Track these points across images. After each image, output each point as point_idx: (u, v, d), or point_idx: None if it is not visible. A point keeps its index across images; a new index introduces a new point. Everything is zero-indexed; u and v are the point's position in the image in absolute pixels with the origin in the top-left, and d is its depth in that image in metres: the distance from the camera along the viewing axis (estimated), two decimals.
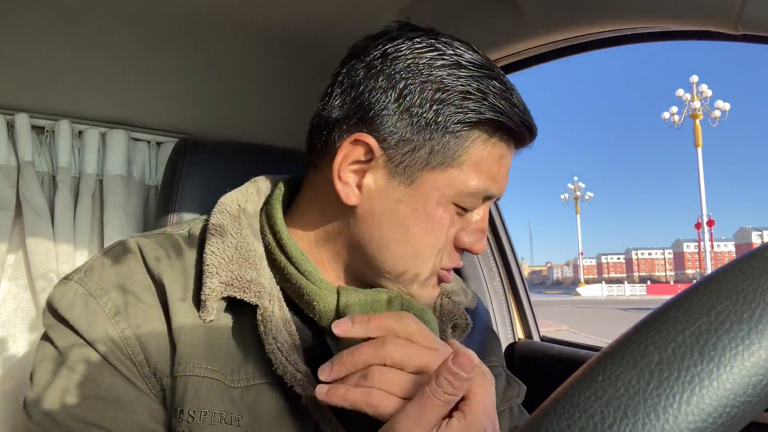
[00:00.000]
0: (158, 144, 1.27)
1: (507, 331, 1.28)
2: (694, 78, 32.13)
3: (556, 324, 13.15)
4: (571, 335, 11.06)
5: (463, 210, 0.55)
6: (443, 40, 0.54)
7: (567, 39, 0.85)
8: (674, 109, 32.67)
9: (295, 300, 0.55)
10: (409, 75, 0.52)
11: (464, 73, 0.52)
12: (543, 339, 1.24)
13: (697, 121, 30.03)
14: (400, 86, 0.52)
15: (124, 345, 0.50)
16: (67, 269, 1.10)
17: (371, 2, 0.94)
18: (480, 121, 0.52)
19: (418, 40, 0.54)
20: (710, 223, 32.72)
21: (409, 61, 0.52)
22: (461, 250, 0.58)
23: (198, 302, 0.52)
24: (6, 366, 1.05)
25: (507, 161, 0.56)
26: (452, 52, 0.53)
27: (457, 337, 0.64)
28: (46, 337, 0.53)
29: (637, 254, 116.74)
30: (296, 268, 0.55)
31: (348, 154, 0.53)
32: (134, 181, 1.22)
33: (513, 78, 1.08)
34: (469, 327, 0.65)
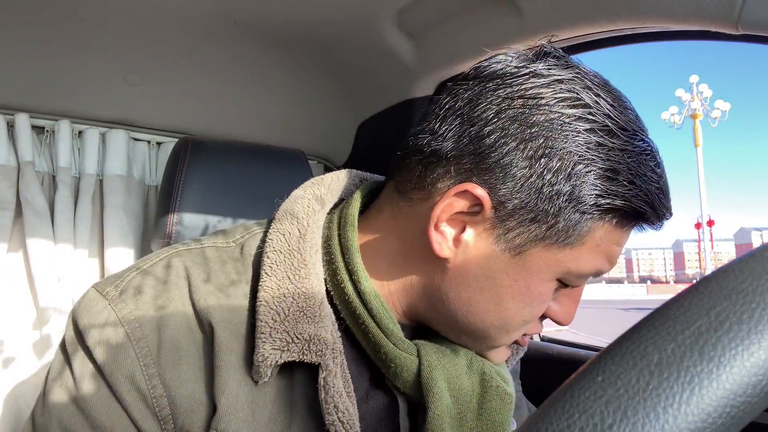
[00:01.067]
0: (158, 144, 1.27)
1: None
2: (694, 78, 32.22)
3: (555, 324, 13.14)
4: (571, 335, 11.05)
5: (564, 285, 0.49)
6: (589, 84, 0.45)
7: (567, 39, 0.85)
8: (674, 109, 32.69)
9: (368, 352, 0.49)
10: (551, 133, 0.43)
11: (615, 144, 0.43)
12: (543, 339, 1.24)
13: (697, 121, 30.04)
14: (538, 143, 0.43)
15: (151, 396, 0.44)
16: (67, 269, 1.11)
17: (371, 2, 0.93)
18: (620, 207, 0.44)
19: (562, 86, 0.44)
20: (710, 223, 32.73)
21: (552, 116, 0.43)
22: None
23: (250, 360, 0.45)
24: (6, 367, 1.05)
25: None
26: (601, 109, 0.44)
27: (512, 362, 0.60)
28: (65, 356, 0.47)
29: (636, 254, 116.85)
30: (375, 321, 0.48)
31: (452, 204, 0.45)
32: (134, 181, 1.22)
33: None
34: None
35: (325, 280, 0.50)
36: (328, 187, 0.55)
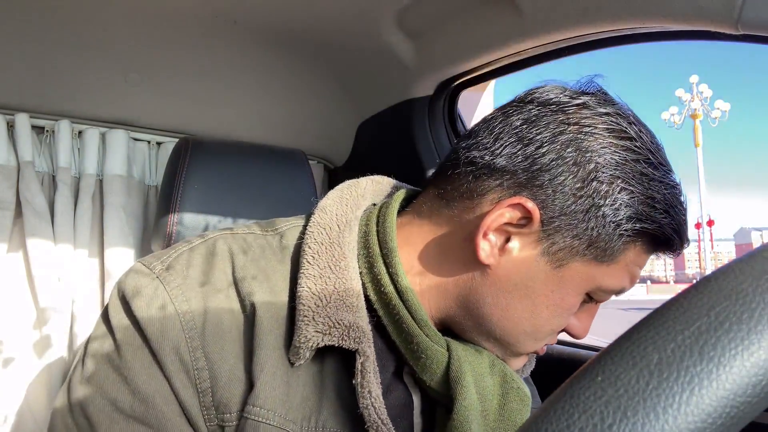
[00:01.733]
0: (158, 144, 1.27)
1: None
2: (694, 78, 32.21)
3: None
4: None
5: (589, 300, 0.53)
6: (631, 119, 0.50)
7: (567, 39, 0.85)
8: (674, 109, 32.69)
9: (399, 344, 0.51)
10: (601, 159, 0.47)
11: (656, 175, 0.49)
12: None
13: (697, 121, 30.03)
14: (590, 167, 0.47)
15: (193, 369, 0.45)
16: (67, 269, 1.11)
17: (371, 3, 0.93)
18: (653, 232, 0.49)
19: (611, 119, 0.49)
20: (710, 223, 32.72)
21: (603, 142, 0.48)
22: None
23: (288, 342, 0.47)
24: (6, 367, 1.05)
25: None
26: (645, 143, 0.49)
27: (525, 372, 0.62)
28: (108, 326, 0.48)
29: None
30: (410, 312, 0.49)
31: (503, 214, 0.48)
32: (134, 181, 1.22)
33: (513, 78, 1.08)
34: (533, 361, 0.62)
35: (361, 273, 0.52)
36: (363, 188, 0.58)
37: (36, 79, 1.06)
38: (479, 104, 1.24)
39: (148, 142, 1.25)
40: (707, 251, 33.16)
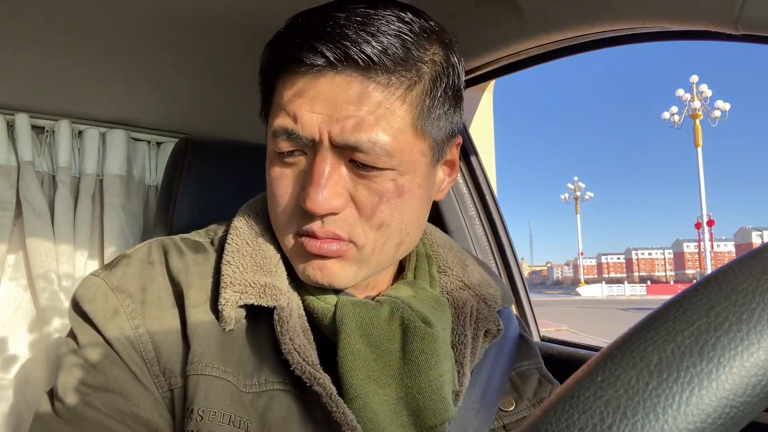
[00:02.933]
0: (158, 144, 1.27)
1: None
2: (694, 78, 32.12)
3: (556, 324, 13.15)
4: (571, 335, 11.07)
5: (280, 156, 0.53)
6: None
7: (567, 39, 0.85)
8: (674, 109, 32.65)
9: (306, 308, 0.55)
10: None
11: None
12: (543, 339, 1.24)
13: (697, 121, 30.02)
14: None
15: (137, 342, 0.50)
16: (67, 269, 1.11)
17: None
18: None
19: None
20: (710, 223, 32.73)
21: None
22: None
23: (216, 310, 0.52)
24: (7, 366, 1.05)
25: None
26: None
27: (487, 342, 0.61)
28: (70, 332, 0.54)
29: (637, 254, 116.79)
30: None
31: None
32: (134, 181, 1.22)
33: (513, 78, 1.08)
34: (501, 333, 0.62)
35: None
36: None
37: (36, 79, 1.06)
38: (479, 104, 1.25)
39: (148, 142, 1.25)
40: (707, 251, 33.17)
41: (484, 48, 0.94)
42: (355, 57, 0.47)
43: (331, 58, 0.47)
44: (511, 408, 0.61)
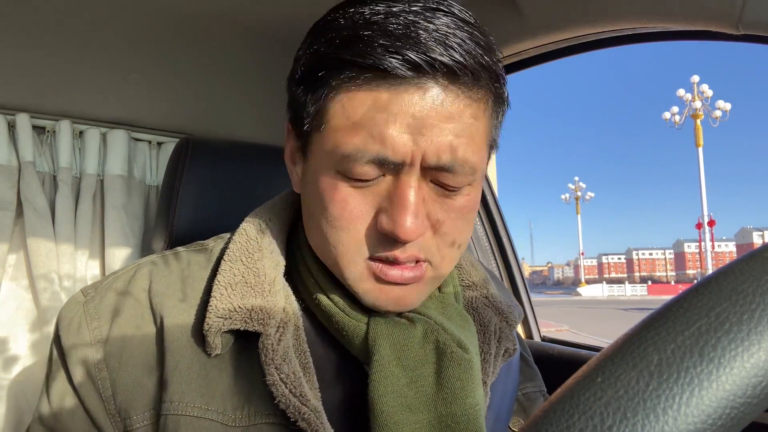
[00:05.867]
0: (159, 144, 1.27)
1: None
2: (695, 78, 32.03)
3: (557, 324, 13.14)
4: (572, 335, 11.07)
5: (351, 179, 0.47)
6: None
7: (567, 39, 0.85)
8: (675, 109, 32.60)
9: (326, 325, 0.52)
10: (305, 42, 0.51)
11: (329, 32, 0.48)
12: (543, 339, 1.24)
13: (698, 121, 29.97)
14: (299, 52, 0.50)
15: (97, 377, 0.48)
16: (68, 269, 1.11)
17: None
18: (337, 68, 0.46)
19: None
20: (711, 223, 32.68)
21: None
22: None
23: (199, 334, 0.49)
24: (7, 366, 1.05)
25: None
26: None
27: (503, 361, 0.59)
28: (50, 355, 0.53)
29: (638, 254, 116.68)
30: (325, 293, 0.51)
31: (288, 139, 0.53)
32: (135, 181, 1.22)
33: (514, 78, 1.08)
34: (516, 351, 0.60)
35: (291, 267, 0.55)
36: (289, 196, 0.60)
37: (37, 80, 1.06)
38: None
39: (149, 142, 1.25)
40: (708, 251, 33.14)
41: None
42: (444, 63, 0.42)
43: (422, 66, 0.42)
44: (518, 428, 0.59)
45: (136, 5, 0.95)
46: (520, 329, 1.30)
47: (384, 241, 0.46)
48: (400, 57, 0.41)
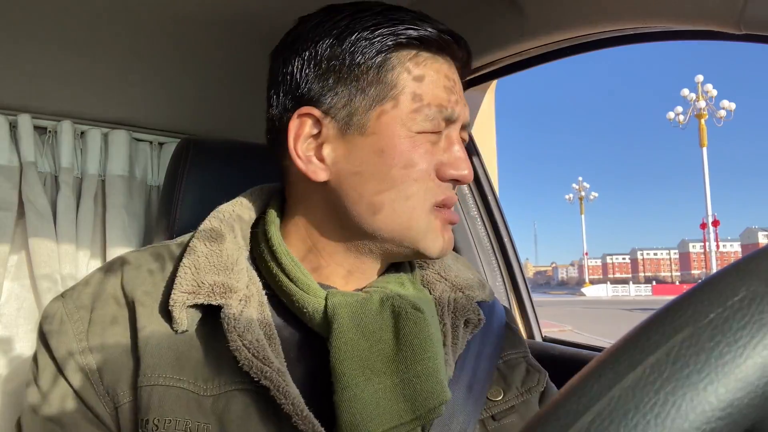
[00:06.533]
0: (160, 144, 1.27)
1: None
2: (699, 77, 31.80)
3: (560, 324, 13.11)
4: (575, 335, 11.05)
5: (434, 132, 0.56)
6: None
7: (568, 39, 0.85)
8: (679, 108, 32.47)
9: (290, 308, 0.56)
10: (312, 40, 0.55)
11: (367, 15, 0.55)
12: (545, 339, 1.24)
13: (702, 121, 29.85)
14: (316, 49, 0.55)
15: (84, 363, 0.51)
16: (70, 269, 1.11)
17: None
18: (399, 34, 0.54)
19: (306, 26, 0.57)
20: (715, 223, 32.58)
21: (305, 32, 0.56)
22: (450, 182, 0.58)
23: (168, 313, 0.52)
24: (9, 366, 1.06)
25: None
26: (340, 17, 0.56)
27: (468, 332, 0.62)
28: (34, 354, 0.55)
29: (642, 254, 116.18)
30: (286, 274, 0.55)
31: (298, 130, 0.55)
32: (136, 181, 1.22)
33: (515, 78, 1.08)
34: (482, 322, 0.63)
35: (255, 254, 0.59)
36: (264, 189, 0.66)
37: (38, 80, 1.07)
38: (481, 104, 1.25)
39: (150, 142, 1.26)
40: (713, 251, 33.04)
41: (486, 48, 0.94)
42: (462, 49, 0.58)
43: (455, 45, 0.56)
44: (500, 397, 0.61)
45: (137, 6, 0.95)
46: (521, 329, 1.30)
47: (442, 188, 0.56)
48: (452, 36, 0.56)
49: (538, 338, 1.25)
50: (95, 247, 1.17)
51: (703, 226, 34.87)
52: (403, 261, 0.62)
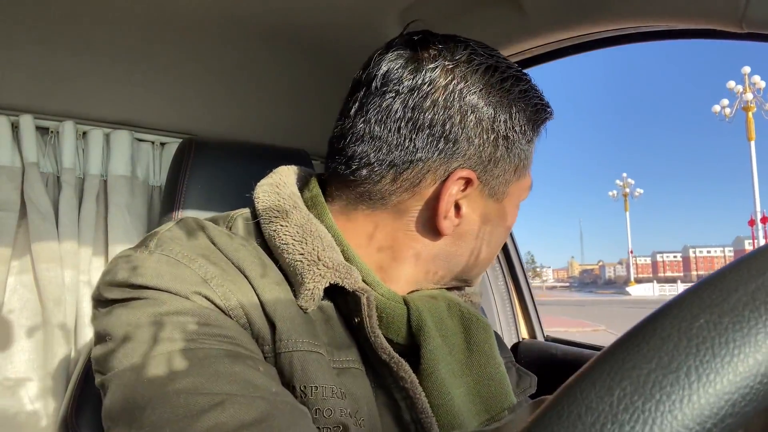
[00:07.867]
0: (162, 144, 1.28)
1: (511, 331, 1.29)
2: (746, 69, 30.27)
3: (594, 324, 12.99)
4: (607, 335, 11.04)
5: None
6: (474, 49, 0.55)
7: (571, 38, 0.85)
8: (725, 101, 30.98)
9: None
10: (482, 101, 0.53)
11: (511, 72, 0.55)
12: (547, 339, 1.24)
13: (750, 114, 28.96)
14: (481, 114, 0.53)
15: (227, 308, 0.46)
16: (72, 270, 1.12)
17: (373, 3, 0.94)
18: (544, 119, 0.58)
19: (463, 64, 0.53)
20: (764, 219, 31.75)
21: (473, 88, 0.52)
22: None
23: (285, 289, 0.49)
24: (11, 364, 1.06)
25: None
26: (493, 62, 0.55)
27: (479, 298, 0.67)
28: (115, 312, 0.45)
29: (695, 252, 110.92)
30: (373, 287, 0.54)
31: (451, 192, 0.53)
32: (138, 181, 1.23)
33: (553, 72, 1.08)
34: (489, 328, 0.66)
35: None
36: (288, 174, 0.62)
37: (40, 81, 1.07)
38: None
39: (152, 142, 1.27)
40: None
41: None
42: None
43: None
44: None
45: (139, 6, 0.95)
46: (523, 329, 1.30)
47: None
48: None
49: (540, 338, 1.25)
50: (97, 247, 1.18)
51: (752, 222, 33.93)
52: None
